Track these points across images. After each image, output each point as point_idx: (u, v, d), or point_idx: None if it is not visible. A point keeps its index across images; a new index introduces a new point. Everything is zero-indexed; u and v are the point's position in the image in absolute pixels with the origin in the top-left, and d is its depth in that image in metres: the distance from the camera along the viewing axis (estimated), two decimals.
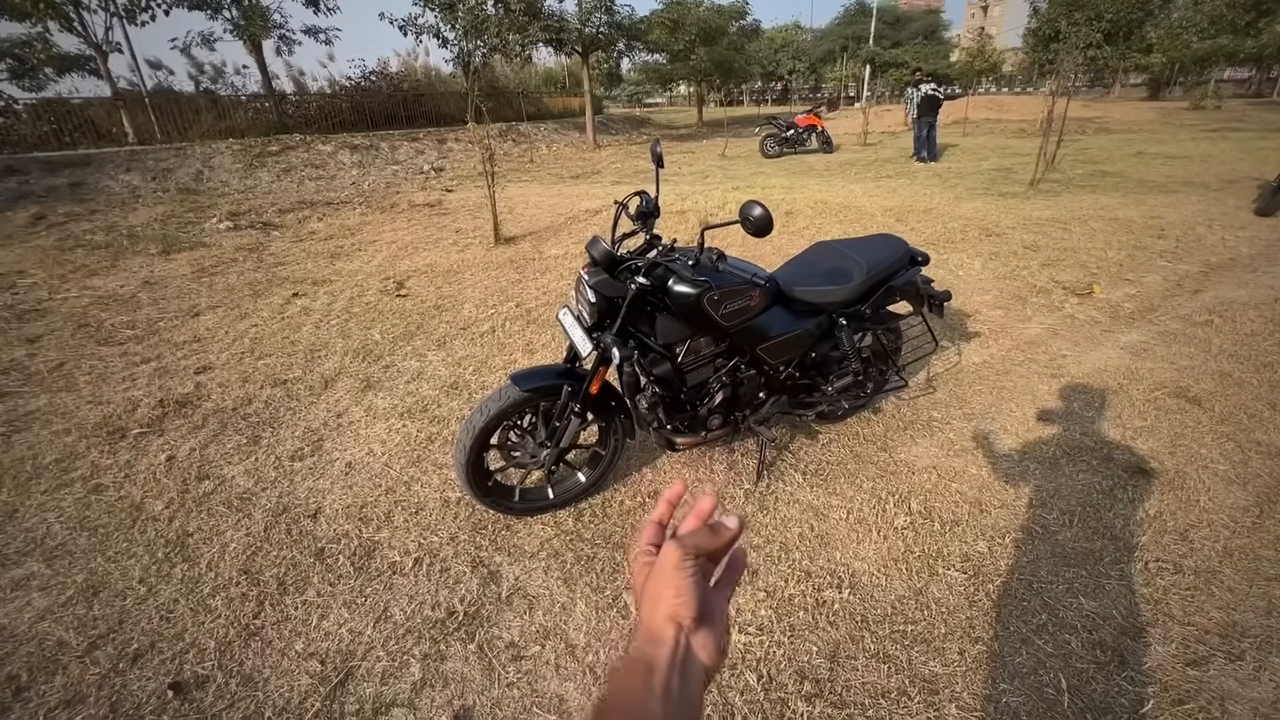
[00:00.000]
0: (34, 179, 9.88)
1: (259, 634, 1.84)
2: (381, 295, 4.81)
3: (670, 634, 0.41)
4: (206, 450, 2.79)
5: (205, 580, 2.05)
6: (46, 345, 3.99)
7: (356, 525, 2.29)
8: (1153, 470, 2.44)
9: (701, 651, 0.42)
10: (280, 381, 3.42)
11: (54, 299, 4.91)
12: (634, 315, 2.03)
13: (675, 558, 0.43)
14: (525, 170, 12.96)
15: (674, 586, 0.42)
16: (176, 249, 6.45)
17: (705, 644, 0.42)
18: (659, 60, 22.77)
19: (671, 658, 0.40)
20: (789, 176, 10.53)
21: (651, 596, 0.44)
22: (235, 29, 14.92)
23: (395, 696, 1.64)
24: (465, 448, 2.04)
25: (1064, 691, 1.56)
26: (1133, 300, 4.20)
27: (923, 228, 6.21)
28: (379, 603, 1.94)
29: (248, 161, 11.91)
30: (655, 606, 0.43)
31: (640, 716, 0.37)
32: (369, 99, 17.19)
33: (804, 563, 2.04)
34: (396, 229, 7.28)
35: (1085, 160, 10.56)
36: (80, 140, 12.47)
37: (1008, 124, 18.28)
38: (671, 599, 0.42)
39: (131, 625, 1.88)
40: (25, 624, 1.89)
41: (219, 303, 4.75)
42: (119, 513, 2.39)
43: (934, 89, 10.86)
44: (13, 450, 2.80)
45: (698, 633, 0.42)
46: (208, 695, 1.65)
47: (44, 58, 15.01)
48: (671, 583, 0.43)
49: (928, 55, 38.76)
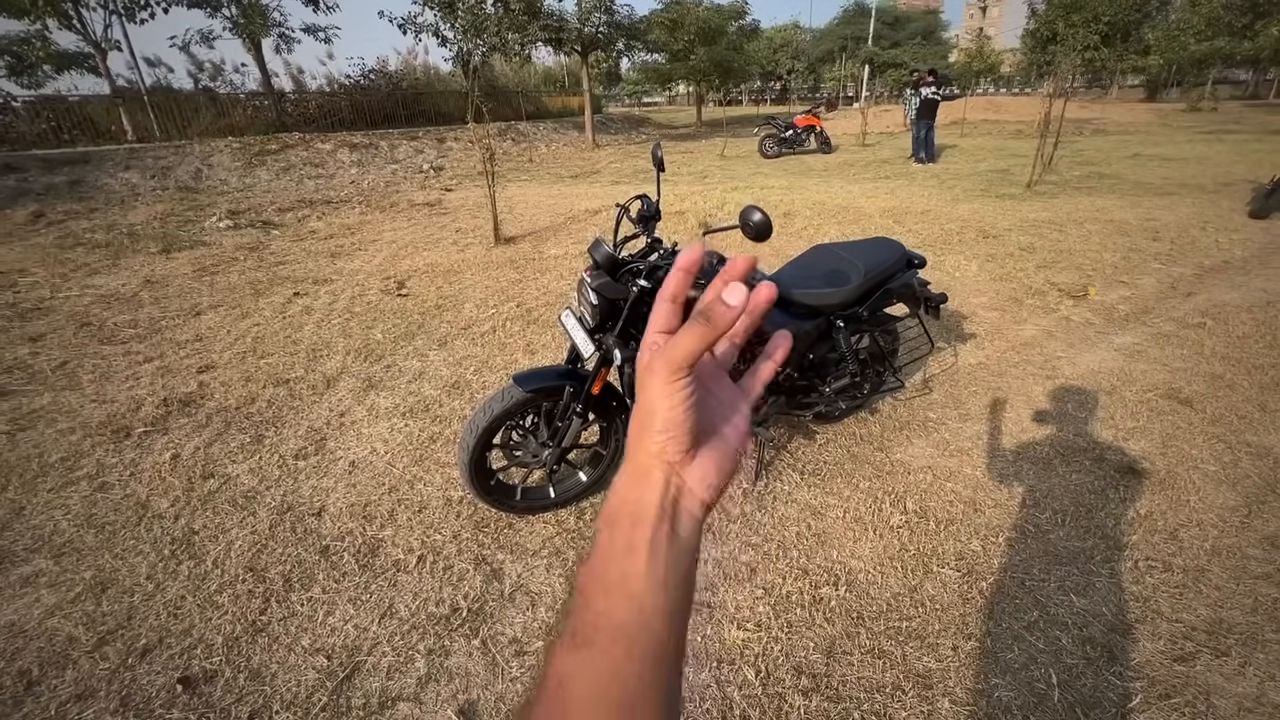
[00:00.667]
0: (33, 177, 9.88)
1: (266, 630, 1.87)
2: (382, 295, 4.83)
3: (658, 476, 0.34)
4: (211, 449, 2.82)
5: (212, 577, 2.08)
6: (49, 344, 4.01)
7: (360, 523, 2.32)
8: (1144, 471, 2.48)
9: (698, 485, 0.35)
10: (283, 381, 3.45)
11: (55, 297, 4.93)
12: (635, 317, 2.06)
13: (660, 378, 0.33)
14: (524, 170, 12.98)
15: (660, 416, 0.34)
16: (177, 248, 6.47)
17: (703, 473, 0.35)
18: (658, 60, 22.81)
19: (660, 504, 0.34)
20: (788, 177, 10.57)
21: (638, 424, 0.35)
22: (234, 27, 14.92)
23: (401, 691, 1.67)
24: (468, 447, 2.07)
25: (1054, 686, 1.61)
26: (1127, 302, 4.25)
27: (920, 229, 6.25)
28: (384, 599, 1.97)
29: (247, 160, 11.92)
30: (640, 439, 0.35)
31: (620, 579, 0.32)
32: (368, 97, 17.19)
33: (801, 560, 2.07)
34: (396, 228, 7.30)
35: (1082, 162, 10.62)
36: (79, 138, 12.46)
37: (1005, 125, 18.36)
38: (657, 434, 0.34)
39: (140, 621, 1.91)
40: (35, 620, 1.92)
41: (220, 302, 4.78)
42: (125, 510, 2.42)
43: (934, 92, 10.89)
44: (18, 448, 2.83)
45: (693, 462, 0.35)
46: (216, 689, 1.69)
47: (43, 55, 14.99)
48: (658, 410, 0.34)
49: (926, 56, 38.84)
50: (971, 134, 16.70)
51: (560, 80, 28.87)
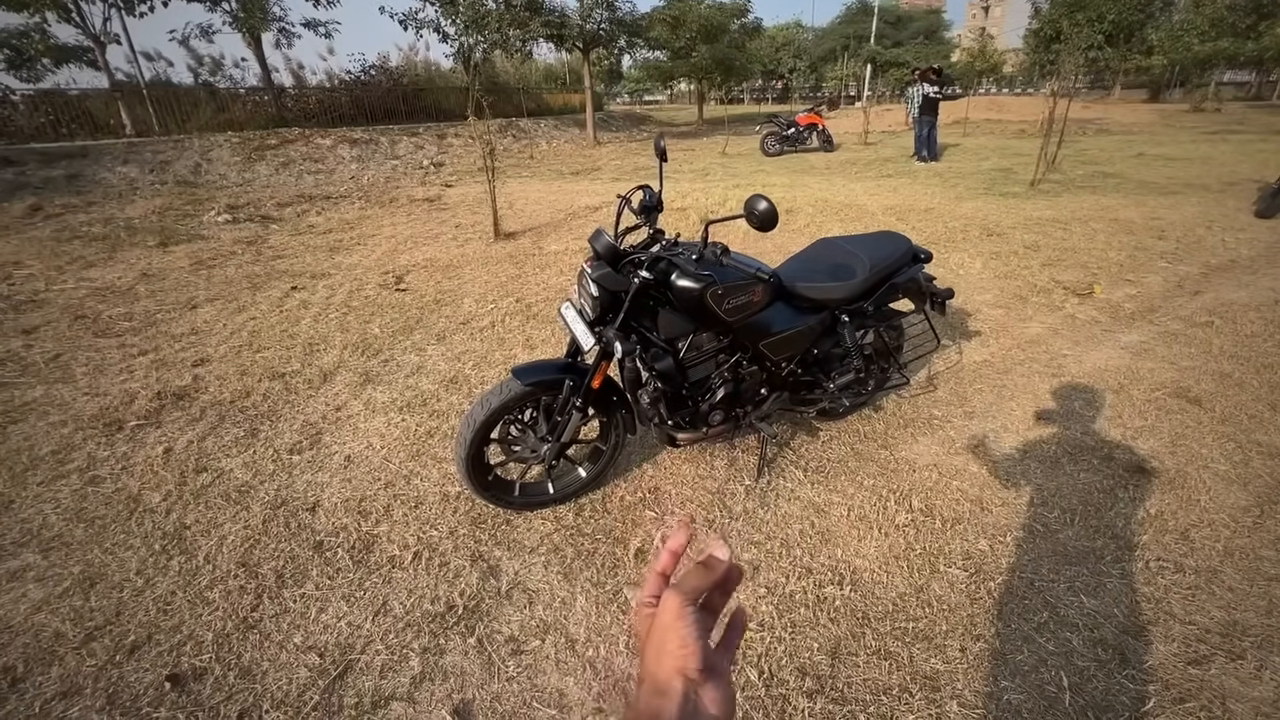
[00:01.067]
0: (30, 170, 9.83)
1: (257, 627, 1.83)
2: (381, 289, 4.79)
3: (678, 687, 0.39)
4: (204, 443, 2.77)
5: (203, 573, 2.04)
6: (43, 336, 3.97)
7: (355, 519, 2.28)
8: (1153, 470, 2.44)
9: (712, 706, 0.40)
10: (279, 375, 3.41)
11: (51, 290, 4.88)
12: (636, 310, 2.02)
13: (675, 605, 0.42)
14: (525, 166, 12.92)
15: (678, 637, 0.41)
16: (174, 241, 6.42)
17: (715, 698, 0.40)
18: (660, 57, 22.72)
19: (681, 712, 0.38)
20: (790, 175, 10.52)
21: (655, 649, 0.42)
22: (234, 21, 14.84)
23: (394, 690, 1.63)
24: (466, 441, 2.02)
25: (1065, 689, 1.56)
26: (1133, 301, 4.20)
27: (924, 227, 6.20)
28: (378, 596, 1.93)
29: (246, 155, 11.87)
30: (660, 660, 0.41)
31: None
32: (368, 93, 17.11)
33: (805, 559, 2.03)
34: (396, 223, 7.25)
35: (1086, 161, 10.56)
36: (77, 132, 12.40)
37: (1008, 124, 18.29)
38: (676, 650, 0.40)
39: (129, 617, 1.87)
40: (21, 615, 1.88)
41: (217, 295, 4.73)
42: (116, 505, 2.37)
43: (937, 92, 10.82)
44: (9, 441, 2.78)
45: (706, 686, 0.40)
46: (205, 687, 1.64)
47: (41, 48, 14.92)
48: (675, 633, 0.41)
49: (928, 55, 38.69)
50: (974, 133, 16.64)
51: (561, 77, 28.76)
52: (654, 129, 23.00)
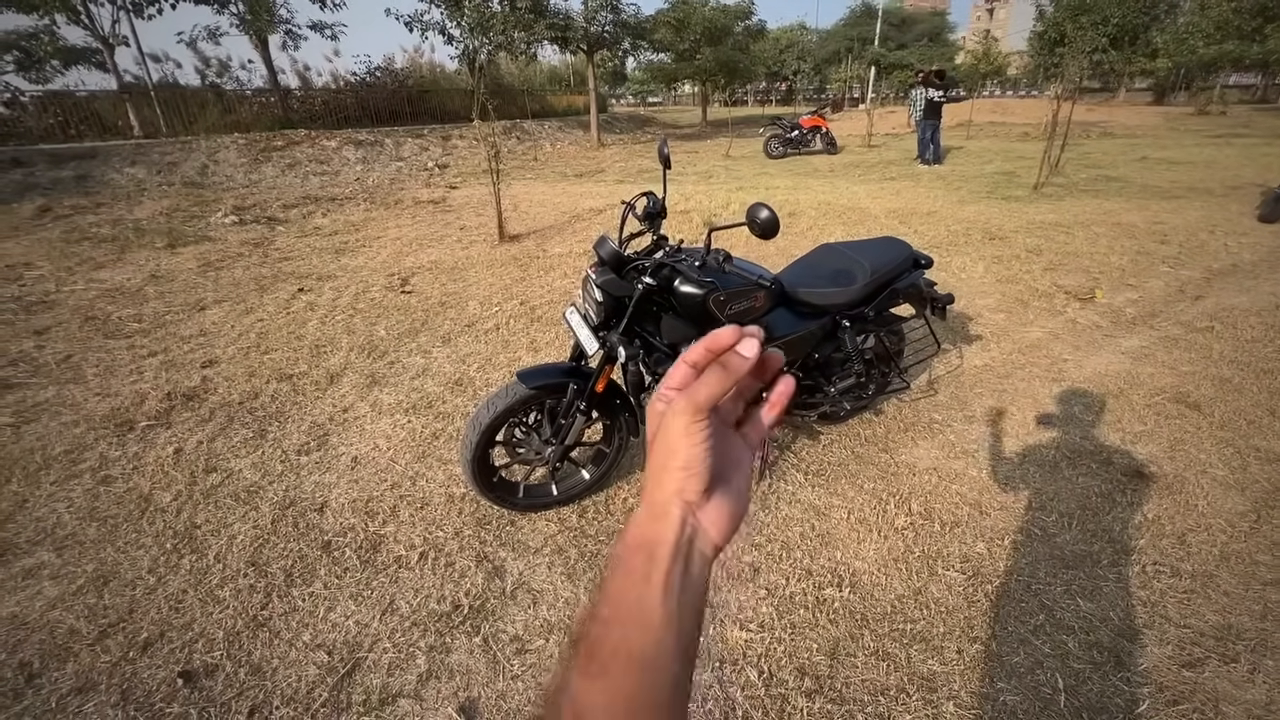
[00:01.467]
0: (40, 171, 9.91)
1: (267, 625, 1.87)
2: (386, 291, 4.83)
3: (676, 514, 0.36)
4: (214, 443, 2.82)
5: (213, 571, 2.08)
6: (54, 337, 4.02)
7: (363, 519, 2.32)
8: (1151, 475, 2.46)
9: (711, 527, 0.37)
10: (286, 376, 3.45)
11: (61, 291, 4.94)
12: (640, 315, 2.05)
13: (683, 419, 0.36)
14: (529, 168, 12.97)
15: (682, 455, 0.36)
16: (182, 243, 6.47)
17: (716, 517, 0.37)
18: (664, 59, 22.78)
19: (676, 541, 0.35)
20: (793, 177, 10.55)
21: (657, 463, 0.37)
22: (241, 24, 14.95)
23: (401, 688, 1.66)
24: (471, 444, 2.06)
25: (1060, 691, 1.59)
26: (1134, 305, 4.22)
27: (926, 230, 6.22)
28: (385, 596, 1.97)
29: (253, 156, 11.94)
30: (660, 477, 0.37)
31: (638, 609, 0.33)
32: (374, 95, 17.20)
33: (805, 561, 2.06)
34: (401, 225, 7.30)
35: (1089, 164, 10.56)
36: (86, 133, 12.49)
37: (1012, 127, 18.28)
38: (677, 470, 0.36)
39: (141, 615, 1.91)
40: (37, 612, 1.92)
41: (225, 297, 4.78)
42: (128, 504, 2.42)
43: (941, 95, 10.83)
44: (22, 441, 2.83)
45: (707, 504, 0.37)
46: (217, 684, 1.68)
47: (51, 50, 15.04)
48: (679, 450, 0.36)
49: (933, 57, 38.72)
50: (978, 136, 16.64)
51: (566, 79, 28.85)
52: (658, 131, 23.06)
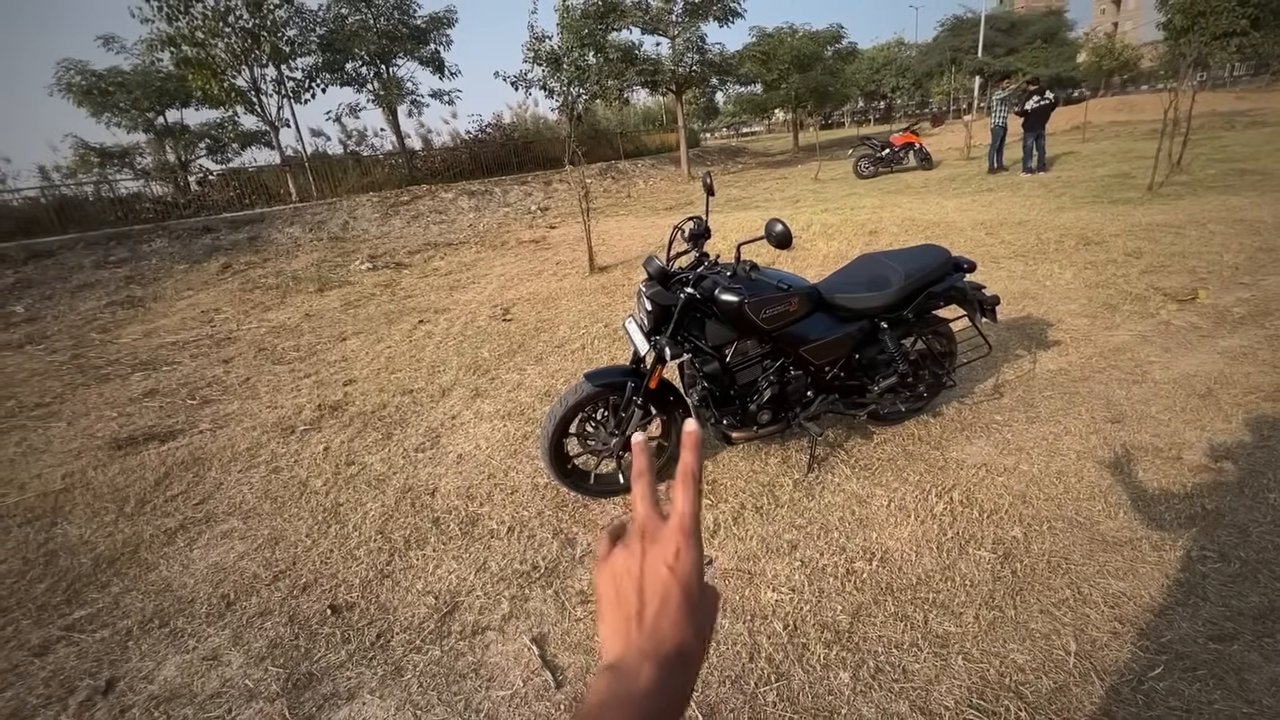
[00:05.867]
0: (222, 235, 11.97)
1: (390, 576, 2.35)
2: (490, 320, 5.49)
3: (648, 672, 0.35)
4: (352, 443, 3.45)
5: (352, 537, 2.61)
6: (237, 364, 5.00)
7: (464, 501, 2.79)
8: (1224, 470, 2.40)
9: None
10: (408, 391, 4.09)
11: (240, 329, 6.06)
12: (687, 321, 2.39)
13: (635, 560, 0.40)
14: (622, 205, 13.75)
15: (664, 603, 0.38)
16: (329, 287, 7.65)
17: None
18: (753, 90, 23.22)
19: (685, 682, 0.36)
20: (881, 196, 10.45)
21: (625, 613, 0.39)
22: (376, 99, 17.22)
23: (489, 623, 2.06)
24: (548, 434, 2.47)
25: (1071, 654, 1.68)
26: (1244, 305, 3.93)
27: (1014, 240, 6.04)
28: (479, 558, 2.39)
29: (384, 211, 13.65)
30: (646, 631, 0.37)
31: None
32: (484, 149, 19.02)
33: (841, 540, 2.25)
34: (505, 263, 8.13)
35: (1223, 159, 9.58)
36: (256, 201, 14.90)
37: (1138, 125, 16.78)
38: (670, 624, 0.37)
39: (301, 566, 2.46)
40: (231, 561, 2.53)
41: (361, 329, 5.66)
42: (291, 487, 3.06)
43: (1037, 101, 10.35)
44: (218, 441, 3.62)
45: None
46: (355, 615, 2.17)
47: (232, 136, 18.11)
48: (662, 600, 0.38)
49: (1048, 59, 36.28)
50: (1096, 138, 15.46)
51: (659, 118, 30.12)
52: (749, 160, 23.41)
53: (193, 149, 18.40)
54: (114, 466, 3.42)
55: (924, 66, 43.59)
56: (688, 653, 0.36)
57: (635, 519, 0.41)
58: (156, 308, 7.62)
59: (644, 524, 0.40)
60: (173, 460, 3.43)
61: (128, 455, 3.54)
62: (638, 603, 0.38)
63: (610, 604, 0.39)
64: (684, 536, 0.38)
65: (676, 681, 0.35)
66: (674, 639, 0.36)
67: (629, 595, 0.38)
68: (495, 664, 1.89)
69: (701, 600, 0.39)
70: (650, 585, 0.38)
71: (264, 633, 2.11)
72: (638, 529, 0.41)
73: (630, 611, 0.38)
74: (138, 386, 4.71)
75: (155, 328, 6.58)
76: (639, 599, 0.38)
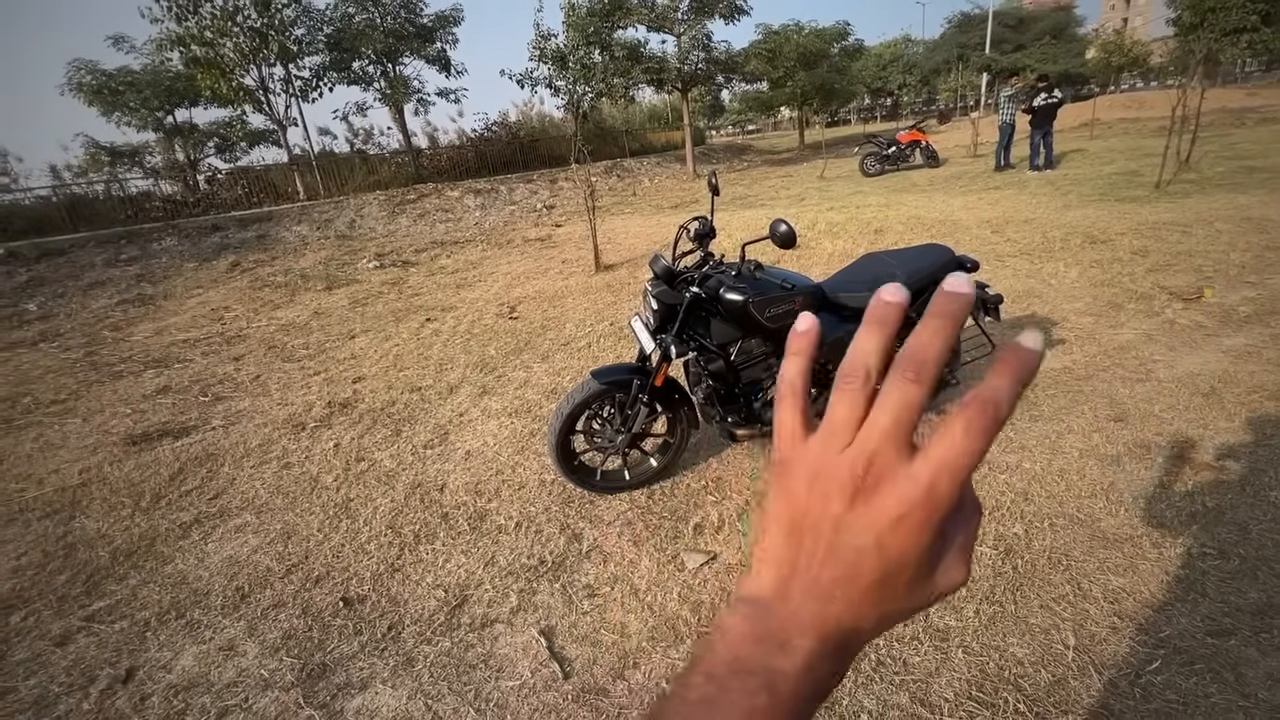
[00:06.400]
0: (231, 233, 12.07)
1: (400, 570, 2.39)
2: (497, 318, 5.53)
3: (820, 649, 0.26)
4: (362, 440, 3.50)
5: (363, 532, 2.66)
6: (247, 362, 5.06)
7: (473, 497, 2.83)
8: (1226, 468, 2.41)
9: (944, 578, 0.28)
10: (416, 388, 4.14)
11: (250, 327, 6.13)
12: (692, 320, 2.42)
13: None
14: (627, 203, 13.78)
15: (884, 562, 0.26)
16: (337, 285, 7.71)
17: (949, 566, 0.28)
18: (759, 89, 23.18)
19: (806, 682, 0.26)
20: (887, 194, 10.44)
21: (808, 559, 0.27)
22: (383, 98, 17.30)
23: (498, 616, 2.10)
24: (555, 430, 2.51)
25: (1070, 648, 1.71)
26: (1250, 303, 3.93)
27: (1019, 238, 6.04)
28: (488, 552, 2.44)
29: (390, 209, 13.72)
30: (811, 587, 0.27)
31: None
32: (490, 147, 19.08)
33: None
34: (511, 262, 8.18)
35: (1232, 156, 9.52)
36: (264, 199, 15.01)
37: (1146, 122, 16.67)
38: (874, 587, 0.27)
39: (313, 559, 2.51)
40: (245, 554, 2.59)
41: (369, 327, 5.71)
42: (302, 483, 3.11)
43: (1045, 98, 10.30)
44: (230, 437, 3.68)
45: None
46: (366, 608, 2.21)
47: (241, 134, 18.23)
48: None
49: (1056, 56, 36.01)
50: (1104, 135, 15.37)
51: (664, 116, 30.09)
52: (754, 158, 23.38)
53: (201, 148, 18.56)
54: (129, 462, 3.48)
55: (931, 63, 43.35)
56: (864, 631, 0.27)
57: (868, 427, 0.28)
58: (167, 305, 7.71)
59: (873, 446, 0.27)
60: (186, 456, 3.49)
61: (142, 451, 3.60)
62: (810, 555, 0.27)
63: (791, 524, 0.28)
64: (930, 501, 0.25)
65: (834, 664, 0.27)
66: (861, 608, 0.26)
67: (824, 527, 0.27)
68: (504, 655, 1.93)
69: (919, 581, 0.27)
70: (838, 544, 0.27)
71: (278, 624, 2.17)
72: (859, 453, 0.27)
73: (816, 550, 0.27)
74: (151, 384, 4.78)
75: (166, 325, 6.66)
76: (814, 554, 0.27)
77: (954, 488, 0.26)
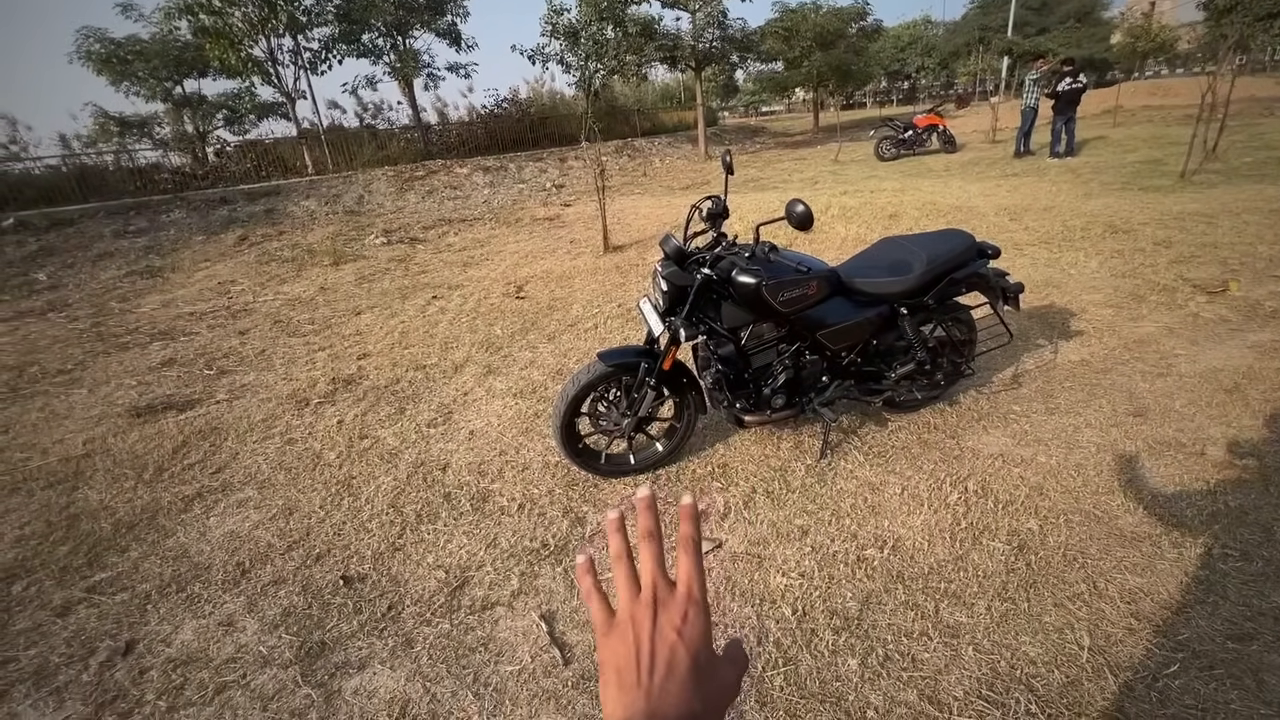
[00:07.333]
0: (239, 207, 12.01)
1: (402, 549, 2.37)
2: (504, 298, 5.47)
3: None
4: (366, 417, 3.47)
5: (364, 510, 2.64)
6: (253, 336, 5.03)
7: (476, 477, 2.80)
8: (1248, 466, 2.34)
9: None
10: (421, 366, 4.10)
11: (256, 301, 6.10)
12: (702, 302, 2.35)
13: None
14: (638, 184, 13.60)
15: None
16: (344, 261, 7.66)
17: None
18: (774, 69, 22.74)
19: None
20: (902, 179, 10.24)
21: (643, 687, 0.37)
22: (392, 71, 17.07)
23: (499, 599, 2.07)
24: (560, 412, 2.46)
25: (1085, 648, 1.66)
26: (1277, 298, 3.82)
27: (1038, 226, 5.90)
28: (490, 534, 2.41)
29: (399, 186, 13.60)
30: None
31: None
32: (500, 124, 18.84)
33: (852, 527, 2.24)
34: (519, 240, 8.09)
35: (1260, 146, 9.26)
36: (272, 173, 14.91)
37: (1172, 110, 16.25)
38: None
39: (314, 536, 2.49)
40: (246, 530, 2.57)
41: (375, 304, 5.67)
42: (305, 459, 3.09)
43: (1069, 83, 10.03)
44: (234, 412, 3.66)
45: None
46: (366, 586, 2.19)
47: (249, 106, 18.09)
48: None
49: (1080, 40, 35.11)
50: (1128, 122, 15.00)
51: (677, 95, 29.60)
52: (767, 140, 23.01)
53: (210, 119, 18.42)
54: (133, 434, 3.47)
55: (950, 46, 42.41)
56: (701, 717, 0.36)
57: (643, 581, 0.41)
58: (175, 278, 7.69)
59: (653, 587, 0.40)
60: (190, 429, 3.47)
61: (147, 423, 3.59)
62: (645, 666, 0.37)
63: (614, 668, 0.38)
64: (692, 602, 0.39)
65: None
66: (679, 707, 0.35)
67: (634, 660, 0.37)
68: (504, 639, 1.91)
69: (712, 670, 0.38)
70: (659, 650, 0.37)
71: (278, 601, 2.15)
72: (647, 592, 0.40)
73: (635, 677, 0.37)
74: (156, 356, 4.77)
75: (173, 298, 6.65)
76: (647, 663, 0.37)
77: (699, 591, 0.40)
